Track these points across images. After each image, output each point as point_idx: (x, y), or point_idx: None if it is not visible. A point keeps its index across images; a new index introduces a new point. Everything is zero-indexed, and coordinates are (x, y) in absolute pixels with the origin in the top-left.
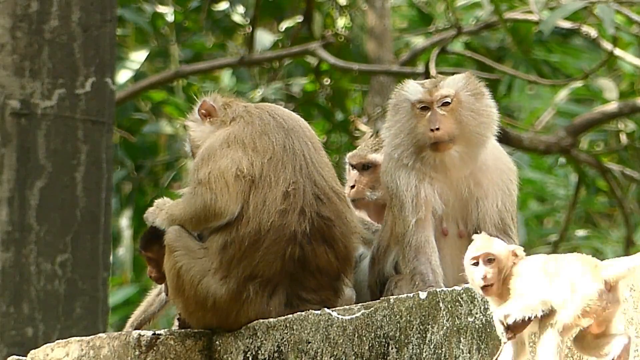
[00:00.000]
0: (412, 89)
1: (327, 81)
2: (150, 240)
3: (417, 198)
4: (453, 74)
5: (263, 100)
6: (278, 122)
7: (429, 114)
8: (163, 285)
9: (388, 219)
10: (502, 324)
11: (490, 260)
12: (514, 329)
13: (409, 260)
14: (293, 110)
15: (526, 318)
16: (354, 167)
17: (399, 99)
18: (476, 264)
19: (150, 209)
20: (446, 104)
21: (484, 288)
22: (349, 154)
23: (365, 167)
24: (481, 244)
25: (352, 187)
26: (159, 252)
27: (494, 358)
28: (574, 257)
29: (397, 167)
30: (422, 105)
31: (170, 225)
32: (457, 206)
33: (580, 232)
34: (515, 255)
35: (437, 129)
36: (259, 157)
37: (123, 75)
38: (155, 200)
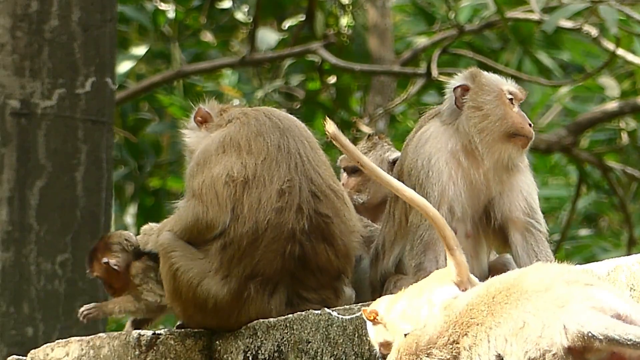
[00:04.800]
0: (498, 77)
1: (331, 80)
2: (90, 260)
3: (442, 196)
4: (455, 74)
5: (265, 99)
6: (274, 122)
7: (515, 108)
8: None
9: (396, 211)
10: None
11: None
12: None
13: (416, 254)
14: (296, 110)
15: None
16: (344, 169)
17: (486, 80)
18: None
19: (138, 237)
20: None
21: None
22: (339, 157)
23: (354, 170)
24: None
25: None
26: (100, 268)
27: None
28: (430, 276)
29: (439, 156)
30: (511, 97)
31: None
32: (472, 207)
33: (583, 231)
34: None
35: (531, 125)
36: (252, 158)
37: (123, 66)
38: (141, 228)
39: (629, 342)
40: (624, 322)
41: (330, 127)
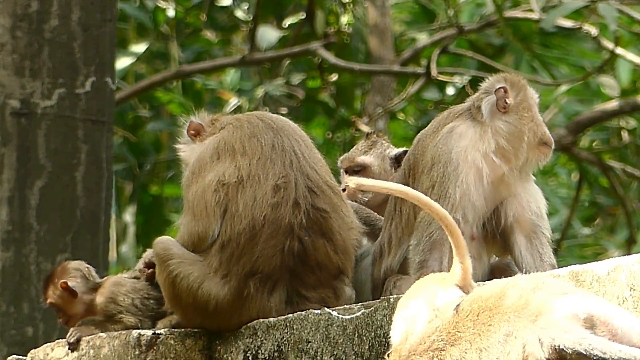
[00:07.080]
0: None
1: (332, 78)
2: (45, 285)
3: (463, 199)
4: (454, 74)
5: (265, 97)
6: (267, 123)
7: None
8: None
9: (403, 207)
10: None
11: None
12: None
13: (422, 250)
14: (296, 108)
15: None
16: (345, 171)
17: (528, 90)
18: None
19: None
20: None
21: None
22: (340, 158)
23: (355, 170)
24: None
25: (344, 190)
26: (54, 294)
27: None
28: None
29: (475, 154)
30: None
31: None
32: (484, 209)
33: (585, 230)
34: None
35: None
36: (247, 159)
37: (122, 62)
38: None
39: (594, 357)
40: (593, 333)
41: (351, 181)
